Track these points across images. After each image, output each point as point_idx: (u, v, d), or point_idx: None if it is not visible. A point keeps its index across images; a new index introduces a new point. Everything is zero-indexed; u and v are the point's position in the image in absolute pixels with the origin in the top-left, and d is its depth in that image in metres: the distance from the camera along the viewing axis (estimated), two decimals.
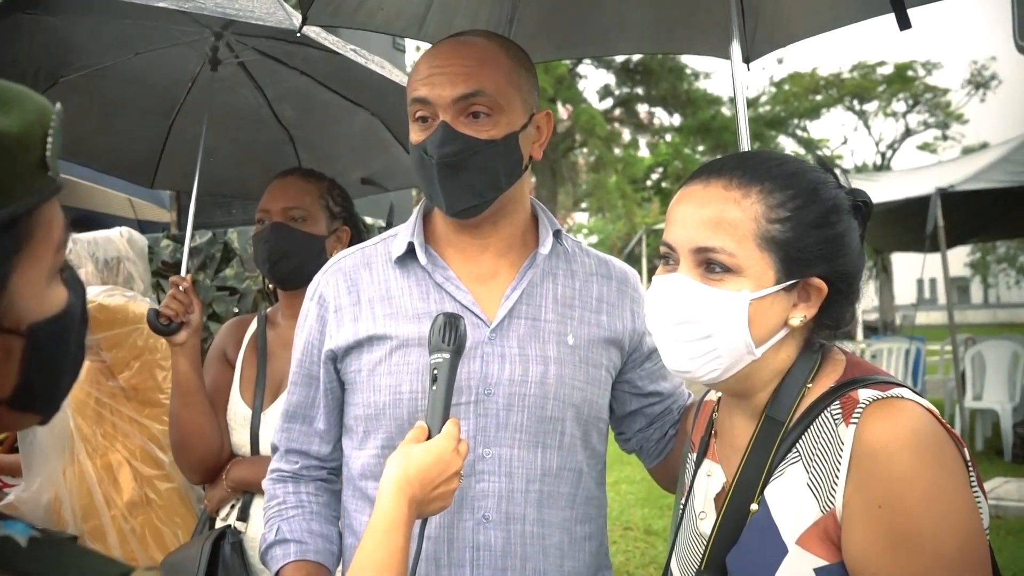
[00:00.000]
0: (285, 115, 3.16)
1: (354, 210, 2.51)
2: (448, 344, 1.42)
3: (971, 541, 1.12)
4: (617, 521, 6.83)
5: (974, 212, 9.26)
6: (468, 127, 1.54)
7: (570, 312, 1.66)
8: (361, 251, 1.72)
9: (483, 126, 1.54)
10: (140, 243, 3.18)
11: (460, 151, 1.53)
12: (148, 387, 2.89)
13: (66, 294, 0.88)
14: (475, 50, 1.58)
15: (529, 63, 1.66)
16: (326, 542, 1.71)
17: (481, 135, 1.54)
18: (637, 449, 1.86)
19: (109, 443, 2.82)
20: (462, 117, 1.54)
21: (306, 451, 1.75)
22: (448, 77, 1.53)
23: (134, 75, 2.91)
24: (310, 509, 1.73)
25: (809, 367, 1.28)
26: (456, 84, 1.53)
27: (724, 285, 1.23)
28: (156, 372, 2.90)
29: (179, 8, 2.14)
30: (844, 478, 1.15)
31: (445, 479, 1.33)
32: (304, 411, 1.73)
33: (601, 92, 29.65)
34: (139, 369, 2.86)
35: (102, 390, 2.85)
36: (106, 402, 2.84)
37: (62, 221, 0.86)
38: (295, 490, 1.74)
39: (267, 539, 1.70)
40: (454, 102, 1.53)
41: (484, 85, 1.53)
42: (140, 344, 2.85)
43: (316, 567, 1.66)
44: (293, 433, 1.75)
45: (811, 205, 1.24)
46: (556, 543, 1.60)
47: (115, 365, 2.85)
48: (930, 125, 34.46)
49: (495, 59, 1.58)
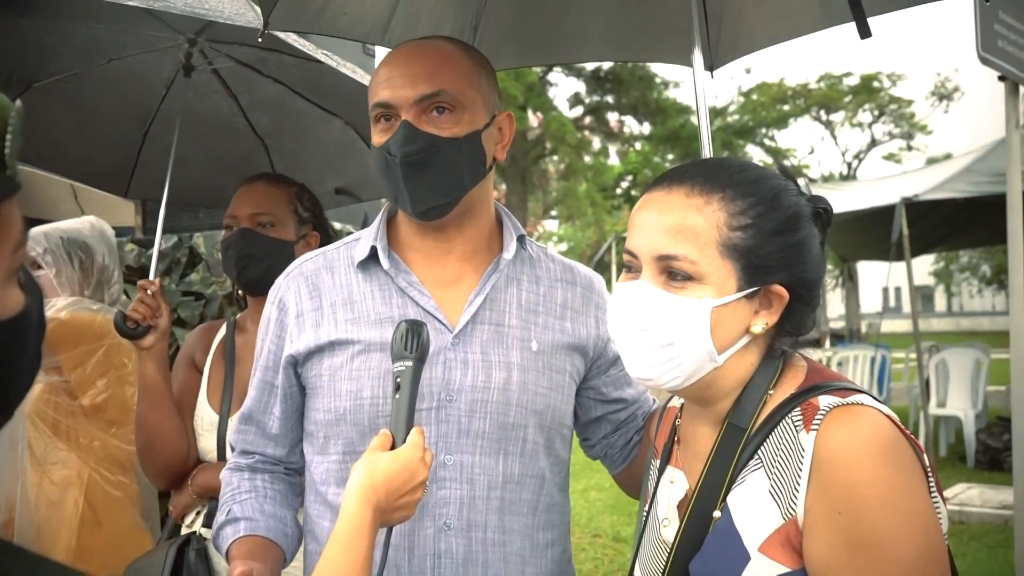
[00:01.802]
0: (259, 124, 3.14)
1: (324, 215, 2.50)
2: (411, 352, 1.41)
3: (930, 546, 1.12)
4: (586, 528, 6.83)
5: (938, 222, 9.39)
6: (430, 125, 1.54)
7: (534, 318, 1.66)
8: (323, 255, 1.71)
9: (445, 123, 1.54)
10: (110, 235, 3.06)
11: (423, 149, 1.53)
12: (112, 405, 2.80)
13: (22, 297, 0.85)
14: (435, 52, 1.58)
15: (489, 67, 1.67)
16: (278, 522, 1.68)
17: (444, 132, 1.54)
18: (602, 456, 1.86)
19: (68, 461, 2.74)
20: (424, 115, 1.54)
21: (261, 453, 1.74)
22: (409, 79, 1.54)
23: (108, 82, 2.89)
24: (264, 493, 1.71)
25: (771, 373, 1.29)
26: (417, 85, 1.53)
27: (686, 293, 1.23)
28: (125, 388, 2.81)
29: (148, 7, 2.12)
30: (805, 485, 1.16)
31: (410, 488, 1.33)
32: (258, 415, 1.72)
33: (571, 100, 29.72)
34: (105, 387, 2.77)
35: (60, 410, 2.75)
36: (65, 421, 2.75)
37: (20, 222, 0.83)
38: (250, 477, 1.73)
39: (218, 521, 1.68)
40: (416, 102, 1.53)
41: (445, 85, 1.53)
42: (107, 361, 2.77)
43: (265, 542, 1.63)
44: (248, 435, 1.74)
45: (772, 212, 1.24)
46: (518, 550, 1.59)
47: (79, 385, 2.75)
48: (895, 136, 34.96)
49: (455, 60, 1.58)
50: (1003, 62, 3.47)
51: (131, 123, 3.09)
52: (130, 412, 2.80)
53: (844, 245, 11.97)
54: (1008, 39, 3.52)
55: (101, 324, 2.76)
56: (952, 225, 9.79)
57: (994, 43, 3.42)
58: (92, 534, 2.71)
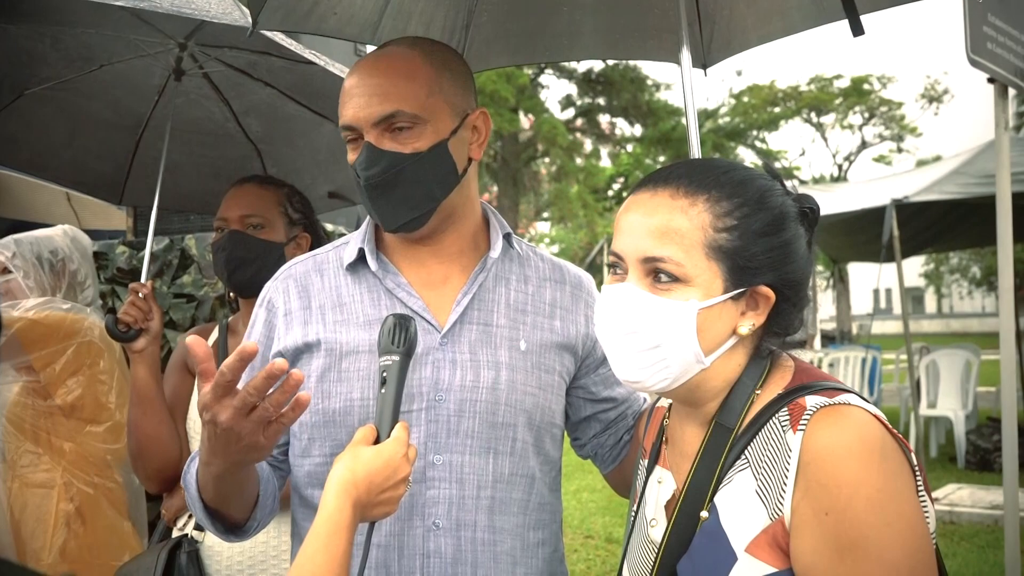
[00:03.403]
0: (252, 129, 3.13)
1: (315, 216, 2.50)
2: (398, 346, 1.41)
3: (917, 547, 1.12)
4: (578, 529, 6.83)
5: (928, 223, 9.42)
6: (392, 142, 1.54)
7: (522, 317, 1.66)
8: (313, 258, 1.72)
9: (407, 139, 1.54)
10: (84, 242, 3.08)
11: (385, 169, 1.53)
12: (88, 404, 2.80)
13: None
14: (392, 67, 1.57)
15: (458, 66, 1.65)
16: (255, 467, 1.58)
17: (406, 149, 1.54)
18: (592, 455, 1.86)
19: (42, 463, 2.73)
20: (387, 134, 1.54)
21: None
22: (366, 99, 1.54)
23: (99, 88, 2.88)
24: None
25: (758, 374, 1.29)
26: (372, 105, 1.53)
27: (672, 295, 1.23)
28: (97, 387, 2.81)
29: (135, 6, 2.12)
30: (792, 485, 1.16)
31: (392, 484, 1.32)
32: None
33: (563, 102, 29.78)
34: (77, 385, 2.77)
35: (37, 410, 2.75)
36: (41, 422, 2.75)
37: None
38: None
39: (188, 469, 1.59)
40: (374, 124, 1.53)
41: (401, 105, 1.53)
42: (77, 359, 2.77)
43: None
44: None
45: (758, 213, 1.25)
46: (508, 550, 1.59)
47: (50, 384, 2.75)
48: (885, 138, 35.04)
49: (413, 73, 1.56)
50: (992, 64, 3.49)
51: (123, 130, 3.08)
52: (104, 410, 2.80)
53: (835, 246, 12.00)
54: (997, 42, 3.54)
55: (72, 323, 2.77)
56: (942, 227, 9.82)
57: (983, 46, 3.44)
58: (73, 535, 2.71)
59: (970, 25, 3.37)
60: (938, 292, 45.08)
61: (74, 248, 2.99)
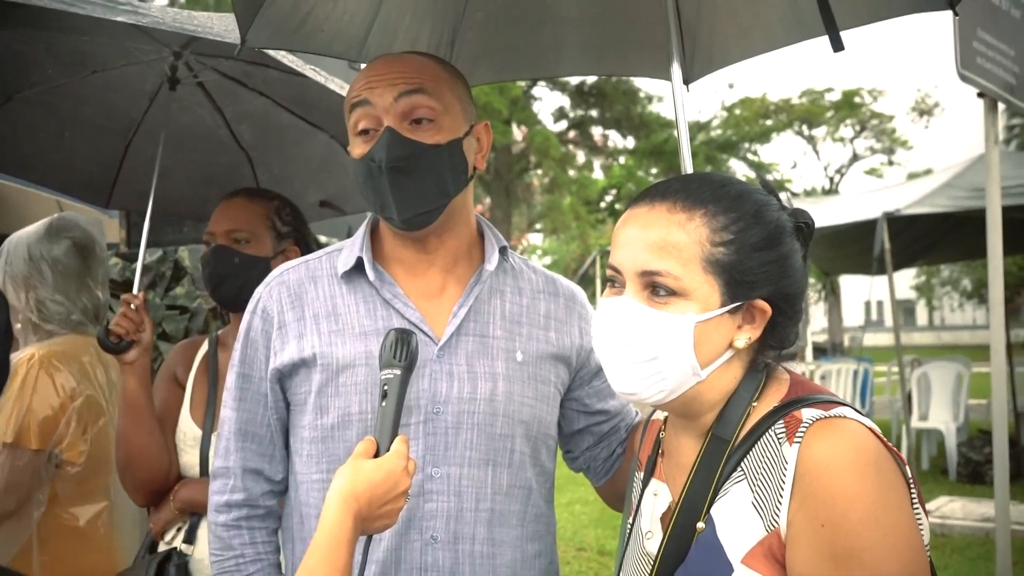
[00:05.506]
0: (244, 137, 3.13)
1: (305, 228, 2.49)
2: (400, 360, 1.42)
3: (912, 559, 1.13)
4: (571, 542, 6.82)
5: (919, 236, 9.45)
6: (413, 133, 1.55)
7: (518, 328, 1.66)
8: (305, 265, 1.70)
9: (427, 131, 1.56)
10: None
11: (408, 156, 1.54)
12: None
13: None
14: (412, 59, 1.61)
15: (464, 81, 1.69)
16: None
17: (427, 140, 1.55)
18: (585, 468, 1.86)
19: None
20: (406, 123, 1.55)
21: (261, 471, 1.65)
22: (388, 80, 1.55)
23: (91, 92, 2.86)
24: (268, 561, 1.65)
25: (754, 386, 1.30)
26: (396, 84, 1.55)
27: (670, 308, 1.24)
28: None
29: (137, 23, 2.12)
30: (788, 497, 1.16)
31: (392, 497, 1.32)
32: (254, 428, 1.65)
33: (556, 114, 29.79)
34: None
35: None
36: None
37: None
38: (251, 540, 1.64)
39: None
40: (396, 99, 1.54)
41: (425, 84, 1.55)
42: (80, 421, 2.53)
43: None
44: (248, 453, 1.64)
45: (754, 228, 1.26)
46: (508, 562, 1.59)
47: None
48: (876, 151, 35.24)
49: (432, 68, 1.61)
50: (982, 79, 3.52)
51: (113, 134, 3.07)
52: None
53: (826, 259, 12.03)
54: (987, 57, 3.57)
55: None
56: (933, 239, 9.86)
57: (973, 60, 3.47)
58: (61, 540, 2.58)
59: (960, 40, 3.40)
60: (929, 304, 45.19)
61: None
